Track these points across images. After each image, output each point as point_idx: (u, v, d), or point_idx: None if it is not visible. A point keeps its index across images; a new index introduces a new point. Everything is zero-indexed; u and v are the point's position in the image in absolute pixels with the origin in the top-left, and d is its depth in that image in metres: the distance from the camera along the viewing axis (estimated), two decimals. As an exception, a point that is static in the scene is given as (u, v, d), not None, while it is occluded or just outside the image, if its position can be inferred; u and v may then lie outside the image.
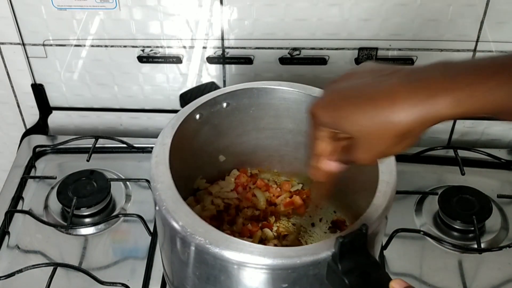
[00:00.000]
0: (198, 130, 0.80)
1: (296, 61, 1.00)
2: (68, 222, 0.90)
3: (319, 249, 0.60)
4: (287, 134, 0.86)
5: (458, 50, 0.97)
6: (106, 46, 1.00)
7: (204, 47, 1.00)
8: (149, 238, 0.90)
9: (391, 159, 0.70)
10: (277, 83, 0.81)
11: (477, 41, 0.96)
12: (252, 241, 0.82)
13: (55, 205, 0.95)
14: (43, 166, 1.04)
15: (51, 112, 1.11)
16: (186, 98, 0.80)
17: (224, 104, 0.80)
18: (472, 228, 0.88)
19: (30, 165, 1.03)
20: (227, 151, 0.87)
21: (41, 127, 1.11)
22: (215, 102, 0.79)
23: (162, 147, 0.71)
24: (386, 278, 0.59)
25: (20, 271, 0.83)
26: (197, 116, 0.78)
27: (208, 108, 0.79)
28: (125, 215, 0.93)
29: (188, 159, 0.81)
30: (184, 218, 0.63)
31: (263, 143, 0.87)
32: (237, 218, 0.85)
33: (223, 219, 0.85)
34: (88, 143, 1.03)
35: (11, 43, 1.01)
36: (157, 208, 0.67)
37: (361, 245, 0.60)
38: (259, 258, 0.60)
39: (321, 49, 0.99)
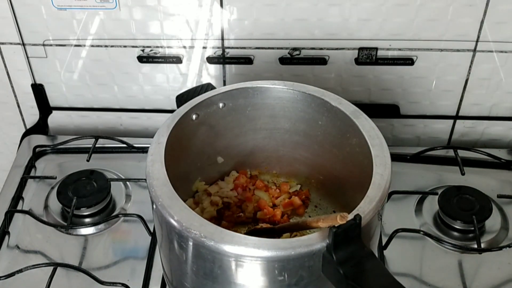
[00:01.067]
0: (195, 131, 0.80)
1: (296, 61, 1.00)
2: (68, 222, 0.90)
3: (314, 240, 0.61)
4: (284, 134, 0.86)
5: (458, 50, 0.97)
6: (106, 46, 1.00)
7: (204, 47, 1.00)
8: (149, 238, 0.90)
9: (386, 153, 0.70)
10: (272, 82, 0.81)
11: (477, 41, 0.96)
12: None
13: (55, 205, 0.95)
14: (43, 166, 1.04)
15: (51, 112, 1.11)
16: (182, 99, 0.81)
17: (220, 105, 0.81)
18: (472, 228, 0.88)
19: (30, 165, 1.03)
20: (225, 153, 0.87)
21: (41, 127, 1.11)
22: (211, 102, 0.80)
23: (157, 146, 0.72)
24: (381, 268, 0.59)
25: (20, 271, 0.83)
26: (194, 117, 0.79)
27: (204, 109, 0.79)
28: (125, 215, 0.93)
29: (186, 160, 0.81)
30: (179, 213, 0.64)
31: (260, 144, 0.88)
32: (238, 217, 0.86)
33: (222, 215, 0.85)
34: (88, 143, 1.03)
35: (11, 43, 1.01)
36: (154, 206, 0.67)
37: (356, 235, 0.61)
38: (254, 250, 0.61)
39: (321, 49, 0.99)
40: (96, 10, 0.96)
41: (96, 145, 1.02)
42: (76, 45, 1.01)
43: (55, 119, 1.11)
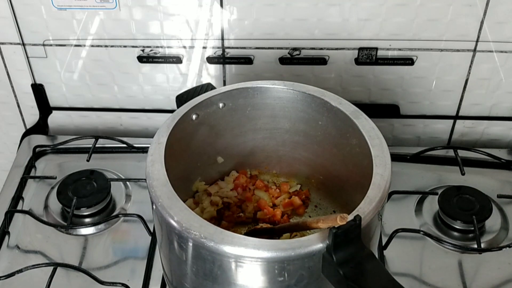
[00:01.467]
0: (195, 131, 0.80)
1: (296, 61, 1.00)
2: (68, 222, 0.90)
3: (314, 241, 0.61)
4: (284, 134, 0.86)
5: (458, 50, 0.97)
6: (106, 46, 1.00)
7: (204, 47, 1.00)
8: (149, 238, 0.90)
9: (386, 153, 0.70)
10: (272, 82, 0.81)
11: (477, 41, 0.96)
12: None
13: (55, 205, 0.95)
14: (43, 166, 1.04)
15: (51, 112, 1.11)
16: (182, 99, 0.81)
17: (220, 105, 0.81)
18: (472, 228, 0.88)
19: (30, 165, 1.03)
20: (225, 153, 0.87)
21: (41, 127, 1.11)
22: (211, 102, 0.80)
23: (157, 146, 0.72)
24: (381, 269, 0.59)
25: (20, 271, 0.83)
26: (194, 117, 0.79)
27: (204, 109, 0.79)
28: (125, 215, 0.93)
29: (186, 160, 0.81)
30: (179, 214, 0.64)
31: (260, 144, 0.88)
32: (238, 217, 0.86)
33: (222, 215, 0.85)
34: (88, 143, 1.03)
35: (11, 43, 1.01)
36: (153, 206, 0.67)
37: (355, 236, 0.60)
38: (254, 251, 0.61)
39: (321, 49, 0.99)
40: (96, 10, 0.96)
41: (96, 145, 1.02)
42: (76, 45, 1.01)
43: (55, 119, 1.11)
